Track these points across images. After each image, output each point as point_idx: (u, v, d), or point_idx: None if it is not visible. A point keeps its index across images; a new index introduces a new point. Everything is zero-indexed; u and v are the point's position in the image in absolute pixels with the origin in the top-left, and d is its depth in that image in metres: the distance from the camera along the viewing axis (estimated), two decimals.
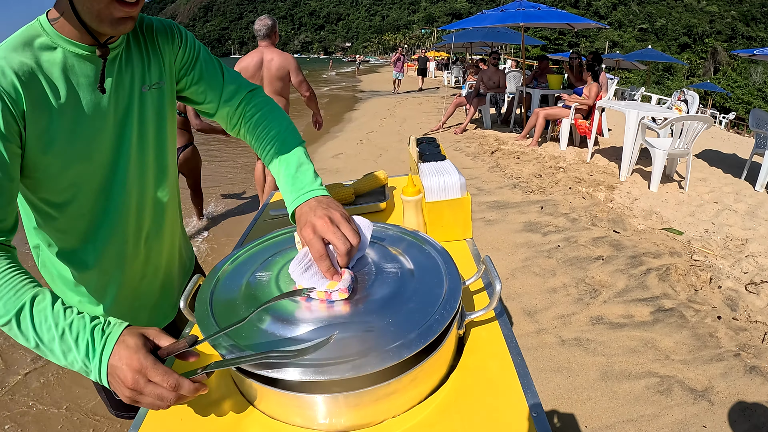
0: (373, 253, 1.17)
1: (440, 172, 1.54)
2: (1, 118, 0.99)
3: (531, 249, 4.57)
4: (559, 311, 3.58)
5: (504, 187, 6.43)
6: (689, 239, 4.69)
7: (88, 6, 1.04)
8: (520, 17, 9.16)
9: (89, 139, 1.16)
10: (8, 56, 1.03)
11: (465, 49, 24.44)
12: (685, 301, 3.65)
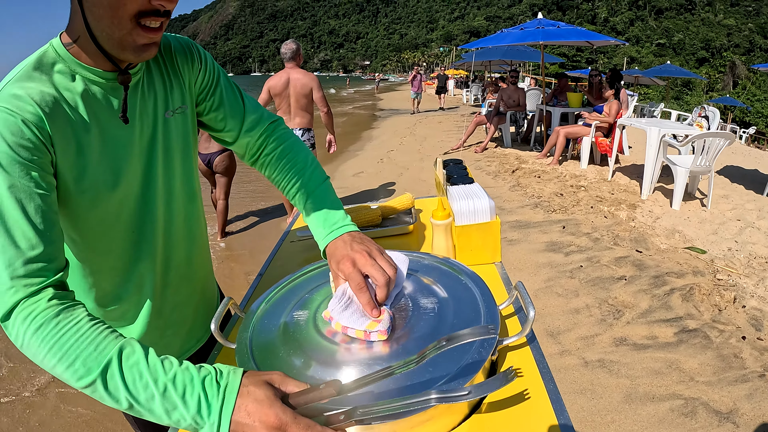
0: (410, 286, 1.17)
1: (469, 195, 1.54)
2: (34, 147, 0.94)
3: (553, 269, 4.57)
4: (582, 332, 3.58)
5: (525, 207, 6.43)
6: (712, 258, 4.67)
7: (108, 32, 0.99)
8: (540, 36, 9.19)
9: (116, 171, 1.12)
10: (26, 86, 0.97)
11: (484, 67, 24.50)
12: (709, 321, 3.64)
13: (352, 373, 0.91)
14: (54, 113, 0.98)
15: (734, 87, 76.10)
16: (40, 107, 0.96)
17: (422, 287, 1.17)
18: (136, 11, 0.95)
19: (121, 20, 0.96)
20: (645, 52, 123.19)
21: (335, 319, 1.02)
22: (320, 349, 0.98)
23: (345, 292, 1.06)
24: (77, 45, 1.03)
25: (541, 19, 9.99)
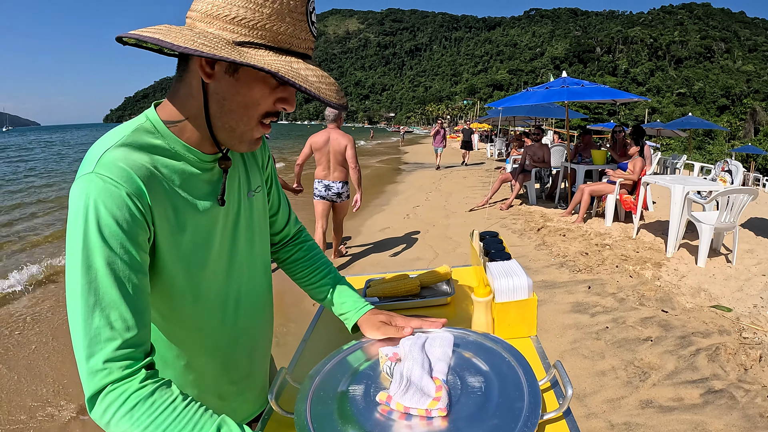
0: (459, 365, 1.26)
1: (509, 273, 1.60)
2: (135, 223, 0.97)
3: (579, 330, 4.62)
4: (608, 395, 3.61)
5: (551, 266, 6.49)
6: (738, 316, 4.71)
7: (232, 125, 1.07)
8: (565, 95, 9.33)
9: (208, 247, 1.18)
10: (128, 158, 0.99)
11: (508, 122, 24.76)
12: (735, 381, 3.66)
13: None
14: (154, 188, 1.02)
15: (756, 134, 75.52)
16: (142, 181, 0.99)
17: (469, 365, 1.26)
18: (264, 112, 1.07)
19: (250, 118, 1.07)
20: (666, 102, 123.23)
21: (395, 400, 1.10)
22: (379, 424, 1.06)
23: (402, 375, 1.16)
24: (182, 125, 1.09)
25: (566, 78, 10.17)
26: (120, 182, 0.95)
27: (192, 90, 1.06)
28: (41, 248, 9.51)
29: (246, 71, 1.02)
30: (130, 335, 0.93)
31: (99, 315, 0.91)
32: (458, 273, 2.26)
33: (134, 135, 1.04)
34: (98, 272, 0.92)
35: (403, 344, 1.29)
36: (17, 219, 12.78)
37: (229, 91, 1.03)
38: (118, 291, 0.93)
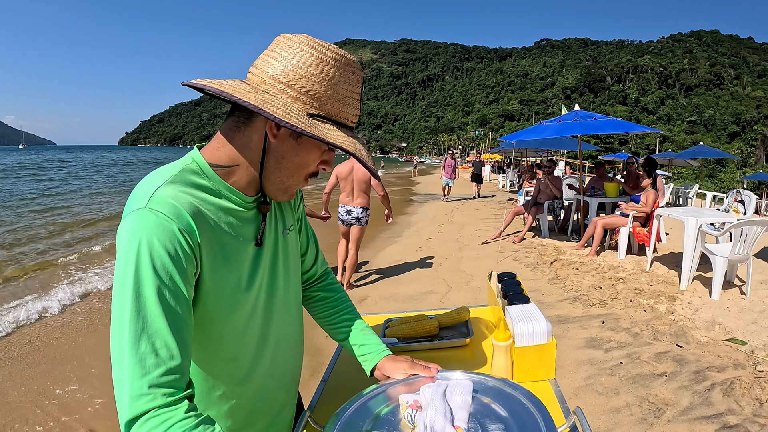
0: (479, 412, 1.28)
1: (528, 318, 1.63)
2: (185, 257, 1.03)
3: (593, 366, 4.61)
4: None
5: (564, 301, 6.49)
6: (752, 349, 4.70)
7: (282, 179, 1.21)
8: (578, 128, 9.43)
9: (249, 282, 1.24)
10: (177, 195, 1.07)
11: (520, 153, 24.81)
12: (750, 416, 3.64)
13: None
14: (201, 225, 1.09)
15: (767, 160, 75.16)
16: (191, 218, 1.06)
17: (489, 412, 1.28)
18: (311, 172, 1.23)
19: (300, 176, 1.22)
20: (677, 131, 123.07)
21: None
22: None
23: (426, 425, 1.18)
24: (230, 170, 1.18)
25: (578, 111, 10.25)
26: (172, 218, 1.02)
27: (251, 143, 1.16)
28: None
29: (307, 138, 1.16)
30: (174, 363, 0.98)
31: (146, 341, 0.95)
32: (475, 312, 2.28)
33: (181, 174, 1.12)
34: (147, 301, 0.97)
35: (423, 392, 1.31)
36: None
37: (289, 153, 1.17)
38: (165, 321, 0.98)
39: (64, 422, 4.21)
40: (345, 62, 1.14)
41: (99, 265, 9.89)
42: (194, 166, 1.15)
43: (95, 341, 5.96)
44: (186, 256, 1.04)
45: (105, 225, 15.78)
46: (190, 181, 1.12)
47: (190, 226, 1.06)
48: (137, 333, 0.95)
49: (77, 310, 7.23)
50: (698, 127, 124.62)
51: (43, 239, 13.04)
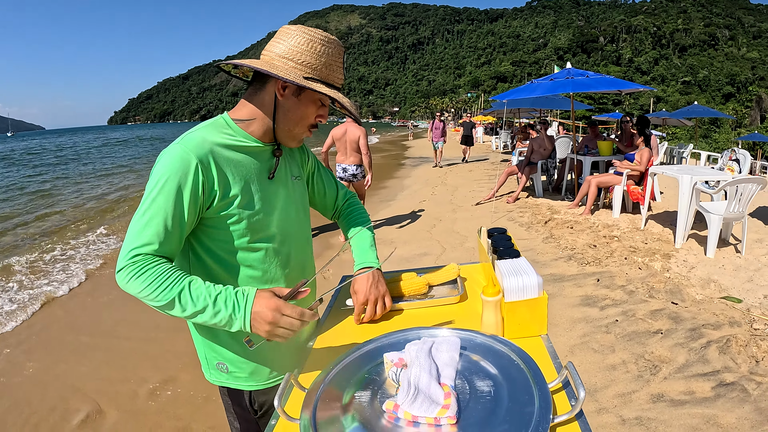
0: (467, 369, 1.26)
1: (518, 272, 1.58)
2: (193, 186, 1.44)
3: (589, 324, 4.59)
4: (619, 389, 3.59)
5: (559, 259, 6.46)
6: (748, 307, 4.67)
7: (289, 128, 1.62)
8: (570, 86, 9.31)
9: (268, 213, 1.65)
10: (204, 138, 1.50)
11: (513, 114, 24.55)
12: (747, 374, 3.63)
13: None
14: (221, 160, 1.51)
15: (762, 121, 74.95)
16: (211, 155, 1.48)
17: (477, 369, 1.26)
18: (311, 123, 1.63)
19: (303, 126, 1.63)
20: (671, 91, 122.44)
21: (403, 409, 1.08)
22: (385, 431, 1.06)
23: (410, 384, 1.14)
24: (249, 123, 1.60)
25: (570, 69, 10.12)
26: (193, 154, 1.44)
27: (265, 102, 1.58)
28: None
29: (306, 95, 1.58)
30: (155, 246, 1.40)
31: (145, 224, 1.40)
32: (466, 270, 2.24)
33: (211, 126, 1.57)
34: (156, 204, 1.41)
35: (408, 349, 1.28)
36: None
37: (293, 107, 1.59)
38: (163, 222, 1.41)
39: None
40: (328, 41, 1.57)
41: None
42: (221, 122, 1.60)
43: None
44: (196, 183, 1.44)
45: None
46: (217, 131, 1.55)
47: (207, 160, 1.46)
48: (142, 215, 1.41)
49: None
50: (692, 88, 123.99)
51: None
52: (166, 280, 1.36)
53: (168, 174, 1.42)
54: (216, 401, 3.89)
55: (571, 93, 9.85)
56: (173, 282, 1.37)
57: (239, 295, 1.38)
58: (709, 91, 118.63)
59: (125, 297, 6.30)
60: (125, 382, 4.38)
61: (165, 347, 5.00)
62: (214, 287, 1.39)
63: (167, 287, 1.36)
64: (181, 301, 1.36)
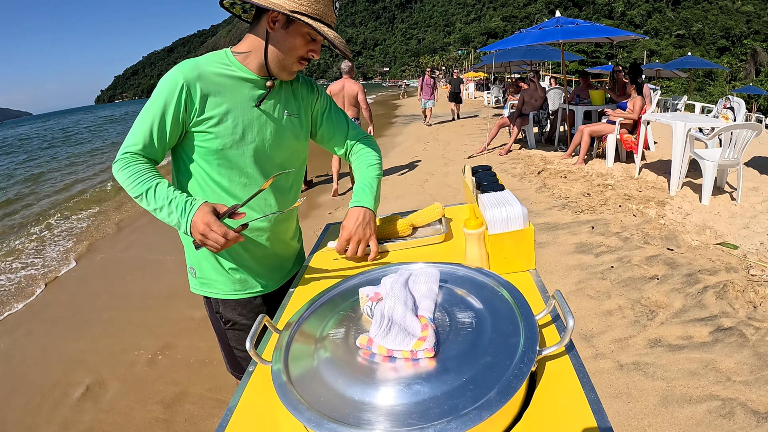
0: (447, 301, 1.18)
1: (501, 203, 1.51)
2: (178, 102, 1.63)
3: (584, 271, 4.54)
4: (615, 335, 3.54)
5: (553, 208, 6.40)
6: (745, 253, 4.60)
7: (280, 60, 1.72)
8: (559, 34, 9.16)
9: (245, 136, 1.76)
10: (198, 63, 1.68)
11: (504, 69, 24.22)
12: (745, 319, 3.57)
13: (391, 390, 0.91)
14: (210, 83, 1.67)
15: (757, 75, 74.53)
16: (200, 77, 1.65)
17: (458, 300, 1.18)
18: (300, 55, 1.73)
19: (292, 57, 1.72)
20: (665, 45, 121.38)
21: (378, 343, 1.01)
22: (360, 369, 1.00)
23: (383, 315, 1.06)
24: (245, 55, 1.74)
25: (560, 17, 9.92)
26: (183, 74, 1.63)
27: (259, 35, 1.71)
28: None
29: (294, 27, 1.67)
30: (139, 148, 1.65)
31: (137, 129, 1.65)
32: (452, 211, 2.24)
33: (211, 55, 1.74)
34: (146, 114, 1.64)
35: (384, 282, 1.21)
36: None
37: (282, 38, 1.68)
38: (149, 129, 1.64)
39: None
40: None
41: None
42: (222, 54, 1.75)
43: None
44: (179, 101, 1.63)
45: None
46: (214, 60, 1.72)
47: (194, 83, 1.63)
48: (139, 122, 1.65)
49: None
50: (687, 41, 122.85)
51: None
52: (141, 177, 1.60)
53: (160, 91, 1.64)
54: (211, 364, 3.99)
55: (561, 42, 9.65)
56: (145, 179, 1.60)
57: (188, 204, 1.55)
58: (704, 45, 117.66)
59: (120, 272, 6.67)
60: (123, 353, 4.42)
61: (160, 315, 5.07)
62: (173, 192, 1.59)
63: (140, 182, 1.59)
64: (147, 196, 1.59)
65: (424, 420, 0.84)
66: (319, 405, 0.91)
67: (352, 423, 0.85)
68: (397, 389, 0.91)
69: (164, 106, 1.63)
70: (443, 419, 0.82)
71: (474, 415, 0.82)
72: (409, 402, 0.88)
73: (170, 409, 3.54)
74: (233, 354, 2.07)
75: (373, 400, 0.90)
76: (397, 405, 0.88)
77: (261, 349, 1.35)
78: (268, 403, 1.09)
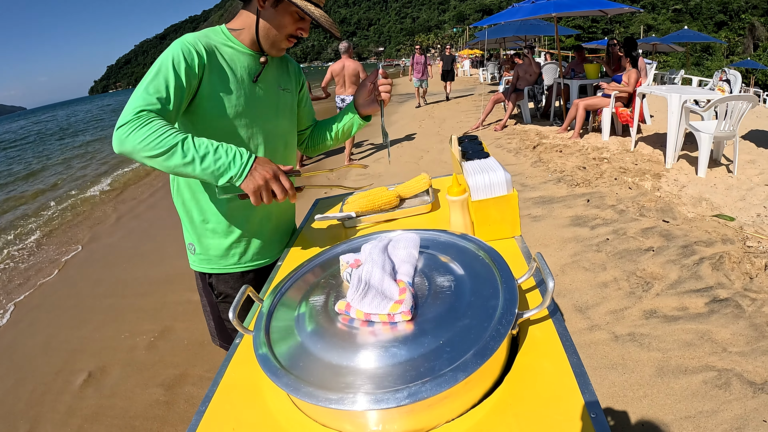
0: (427, 265, 1.18)
1: (484, 169, 1.52)
2: (190, 66, 1.58)
3: (579, 243, 4.52)
4: (611, 306, 3.53)
5: (548, 182, 6.38)
6: (741, 225, 4.57)
7: (271, 36, 1.75)
8: (552, 7, 9.06)
9: (247, 111, 1.75)
10: (199, 36, 1.67)
11: (499, 45, 24.06)
12: (741, 290, 3.55)
13: (369, 353, 0.92)
14: (211, 55, 1.67)
15: (755, 49, 74.11)
16: (204, 48, 1.64)
17: (438, 265, 1.18)
18: (289, 33, 1.76)
19: (281, 34, 1.76)
20: (662, 19, 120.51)
21: (355, 307, 1.02)
22: (339, 334, 1.00)
23: (360, 279, 1.05)
24: (239, 32, 1.77)
25: None
26: (189, 44, 1.60)
27: (251, 12, 1.74)
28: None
29: (283, 6, 1.70)
30: (162, 105, 1.52)
31: (153, 87, 1.52)
32: (440, 182, 2.28)
33: (208, 31, 1.75)
34: (161, 70, 1.54)
35: (363, 249, 1.23)
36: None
37: (271, 17, 1.72)
38: (167, 85, 1.54)
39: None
40: None
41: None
42: (218, 29, 1.78)
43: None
44: (189, 65, 1.58)
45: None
46: (212, 34, 1.74)
47: (198, 51, 1.62)
48: (150, 82, 1.53)
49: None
50: (684, 16, 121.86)
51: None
52: (169, 129, 1.45)
53: (166, 55, 1.58)
54: (209, 345, 4.02)
55: (555, 15, 9.55)
56: (175, 132, 1.46)
57: (242, 150, 1.49)
58: (701, 19, 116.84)
59: (120, 259, 6.69)
60: (124, 338, 4.47)
61: (159, 300, 5.12)
62: (215, 142, 1.51)
63: (170, 135, 1.44)
64: (183, 146, 1.45)
65: (401, 382, 0.84)
66: (298, 371, 0.93)
67: (329, 387, 0.86)
68: (375, 353, 0.92)
69: (175, 66, 1.56)
70: (419, 381, 0.82)
71: (449, 377, 0.82)
72: (386, 365, 0.89)
73: (171, 391, 3.56)
74: (224, 326, 2.07)
75: (351, 363, 0.91)
76: (375, 368, 0.89)
77: (248, 322, 1.37)
78: (253, 373, 1.11)
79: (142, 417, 3.32)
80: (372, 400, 0.81)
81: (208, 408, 1.03)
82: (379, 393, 0.81)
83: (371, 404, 0.81)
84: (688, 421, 2.52)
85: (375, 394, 0.82)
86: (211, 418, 1.01)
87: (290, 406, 0.99)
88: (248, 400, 1.04)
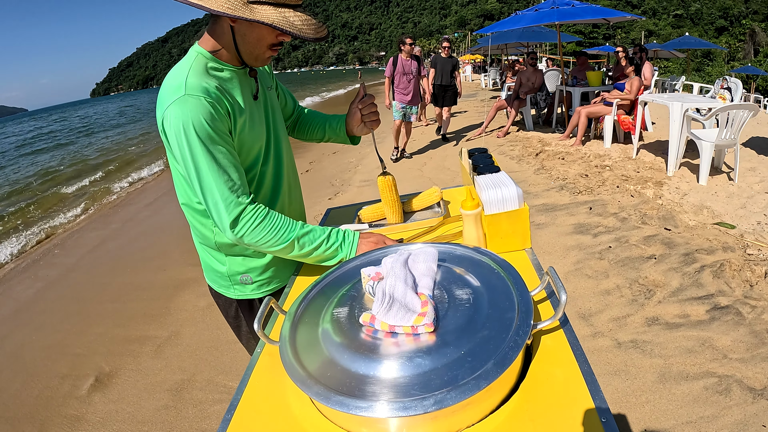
0: (446, 279, 1.22)
1: (497, 184, 1.55)
2: (221, 121, 1.52)
3: (582, 251, 4.56)
4: (613, 313, 3.58)
5: (551, 189, 6.42)
6: (742, 233, 4.63)
7: (251, 50, 1.60)
8: (555, 16, 9.08)
9: (258, 128, 1.73)
10: (202, 78, 1.52)
11: (500, 51, 24.09)
12: (741, 298, 3.61)
13: (394, 363, 0.95)
14: (223, 93, 1.56)
15: (755, 55, 74.04)
16: (218, 91, 1.53)
17: (457, 278, 1.21)
18: (270, 43, 1.59)
19: (261, 47, 1.60)
20: (662, 24, 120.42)
21: (380, 320, 1.05)
22: (364, 345, 1.03)
23: (385, 293, 1.10)
24: (219, 52, 1.61)
25: None
26: (205, 96, 1.48)
27: (224, 30, 1.58)
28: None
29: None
30: (240, 183, 1.55)
31: (224, 176, 1.51)
32: (450, 194, 2.28)
33: (196, 64, 1.57)
34: (211, 153, 1.49)
35: (384, 263, 1.25)
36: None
37: (247, 31, 1.56)
38: (229, 162, 1.53)
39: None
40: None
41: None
42: (201, 56, 1.60)
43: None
44: (222, 118, 1.52)
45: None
46: (203, 66, 1.58)
47: (219, 97, 1.52)
48: (217, 173, 1.50)
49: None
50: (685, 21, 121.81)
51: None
52: (283, 224, 1.59)
53: (197, 126, 1.46)
54: (216, 350, 4.06)
55: (557, 23, 9.61)
56: (288, 226, 1.59)
57: (347, 231, 1.66)
58: (702, 25, 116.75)
59: (125, 263, 6.70)
60: (131, 343, 4.48)
61: (166, 304, 5.11)
62: (321, 228, 1.65)
63: (285, 230, 1.58)
64: (299, 241, 1.59)
65: (426, 390, 0.88)
66: (326, 380, 0.96)
67: (358, 396, 0.90)
68: (400, 362, 0.95)
69: (218, 136, 1.50)
70: (443, 389, 0.86)
71: (472, 385, 0.86)
72: (411, 374, 0.92)
73: (178, 396, 3.58)
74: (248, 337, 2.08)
75: (377, 373, 0.94)
76: (400, 377, 0.92)
77: (268, 332, 1.39)
78: (276, 381, 1.14)
79: (150, 422, 3.34)
80: (400, 407, 0.85)
81: (234, 415, 1.07)
82: (407, 401, 0.86)
83: (399, 411, 0.85)
84: (690, 426, 2.57)
85: (403, 401, 0.86)
86: (238, 424, 1.04)
87: (315, 412, 1.02)
88: (273, 407, 1.08)
